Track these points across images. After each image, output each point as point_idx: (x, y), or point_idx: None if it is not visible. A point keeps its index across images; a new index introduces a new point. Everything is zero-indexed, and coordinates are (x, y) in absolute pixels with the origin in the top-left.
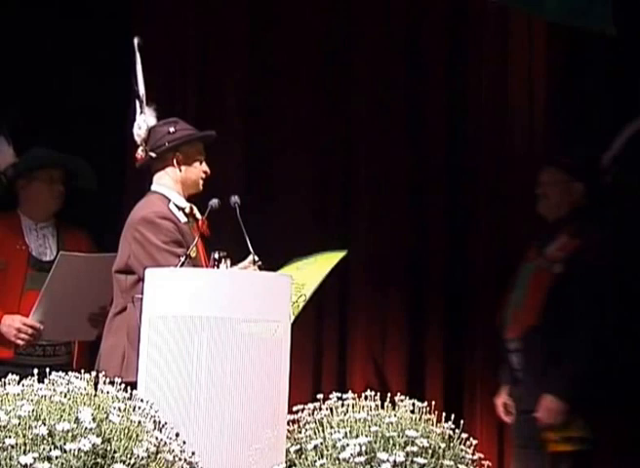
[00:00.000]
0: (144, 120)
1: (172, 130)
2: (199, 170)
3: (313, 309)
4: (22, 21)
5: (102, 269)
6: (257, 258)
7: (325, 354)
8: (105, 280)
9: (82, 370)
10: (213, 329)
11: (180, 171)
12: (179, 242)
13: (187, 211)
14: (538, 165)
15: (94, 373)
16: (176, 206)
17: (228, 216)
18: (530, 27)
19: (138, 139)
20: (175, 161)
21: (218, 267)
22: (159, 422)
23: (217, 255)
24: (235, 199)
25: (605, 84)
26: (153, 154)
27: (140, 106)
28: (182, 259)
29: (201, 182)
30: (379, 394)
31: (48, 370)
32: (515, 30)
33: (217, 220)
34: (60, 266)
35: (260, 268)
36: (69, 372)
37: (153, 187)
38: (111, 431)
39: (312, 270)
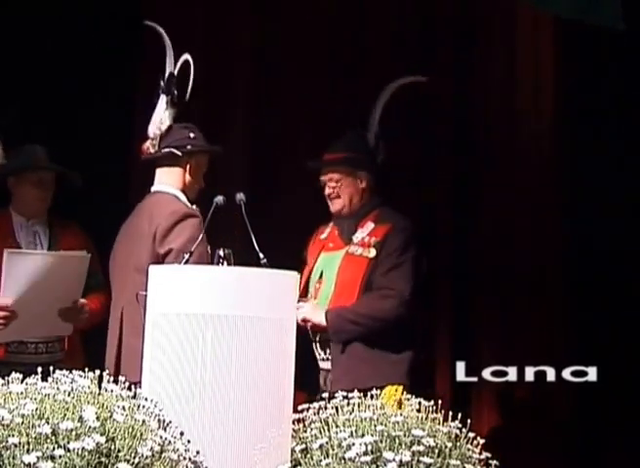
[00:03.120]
0: (168, 117)
1: (192, 135)
2: (201, 180)
3: None
4: (23, 21)
5: (65, 266)
6: (261, 256)
7: None
8: (72, 276)
9: (75, 367)
10: (217, 326)
11: (188, 176)
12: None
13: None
14: (545, 163)
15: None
16: (185, 206)
17: (233, 213)
18: (537, 23)
19: (155, 134)
20: (188, 166)
21: (222, 264)
22: (163, 421)
23: (221, 253)
24: (240, 196)
25: (613, 77)
26: (178, 152)
27: (168, 102)
28: (187, 257)
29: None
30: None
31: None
32: (522, 26)
33: (222, 218)
34: (10, 265)
35: (265, 266)
36: (62, 369)
37: (159, 187)
38: (115, 430)
39: None
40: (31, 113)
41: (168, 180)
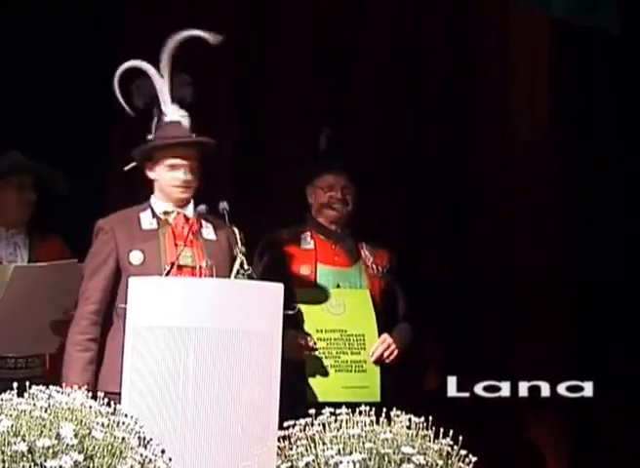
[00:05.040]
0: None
1: (150, 137)
2: (169, 177)
3: None
4: (22, 21)
5: (64, 275)
6: (246, 266)
7: None
8: (68, 286)
9: (55, 383)
10: (201, 340)
11: (161, 180)
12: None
13: (163, 217)
14: (545, 163)
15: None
16: (152, 211)
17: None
18: (533, 24)
19: None
20: (152, 172)
21: (208, 275)
22: (144, 438)
23: (204, 264)
24: (224, 205)
25: (611, 77)
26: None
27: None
28: (168, 268)
29: (177, 190)
30: (374, 409)
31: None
32: (519, 26)
33: None
34: (14, 280)
35: (250, 277)
36: (42, 385)
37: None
38: (94, 447)
39: None
40: (26, 115)
41: (153, 189)
